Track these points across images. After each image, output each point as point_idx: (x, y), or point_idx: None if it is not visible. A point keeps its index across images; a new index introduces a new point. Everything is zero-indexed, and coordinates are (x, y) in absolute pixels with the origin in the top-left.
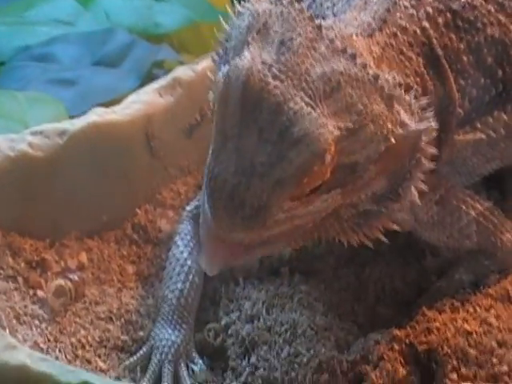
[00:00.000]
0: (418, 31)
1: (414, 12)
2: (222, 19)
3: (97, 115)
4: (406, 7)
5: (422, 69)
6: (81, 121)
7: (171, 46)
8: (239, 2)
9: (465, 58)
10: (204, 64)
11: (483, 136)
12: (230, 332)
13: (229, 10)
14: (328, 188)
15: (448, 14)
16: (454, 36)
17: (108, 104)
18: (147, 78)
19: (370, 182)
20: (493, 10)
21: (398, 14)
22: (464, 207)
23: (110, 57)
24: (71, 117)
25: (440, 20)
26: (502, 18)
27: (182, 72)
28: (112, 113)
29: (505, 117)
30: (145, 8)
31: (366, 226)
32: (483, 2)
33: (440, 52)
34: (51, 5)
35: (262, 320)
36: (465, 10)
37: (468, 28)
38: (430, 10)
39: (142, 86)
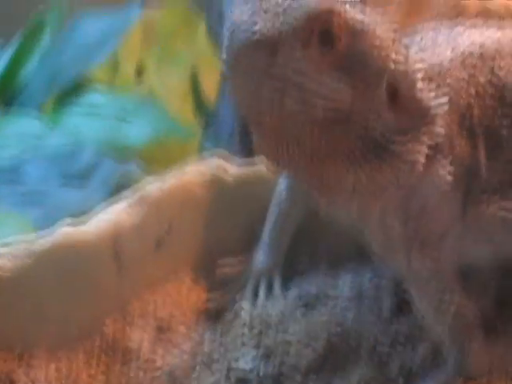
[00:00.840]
0: (462, 101)
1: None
2: None
3: (64, 233)
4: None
5: (454, 133)
6: (49, 239)
7: (138, 162)
8: (204, 121)
9: (504, 142)
10: (171, 180)
11: (510, 215)
12: None
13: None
14: (341, 68)
15: (497, 100)
16: (497, 120)
17: (76, 221)
18: (115, 195)
19: (381, 104)
20: None
21: (453, 72)
22: (451, 288)
23: (77, 174)
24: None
25: (487, 102)
26: None
27: (149, 189)
28: (79, 230)
29: None
30: (112, 126)
31: (372, 161)
32: None
33: (477, 129)
34: (20, 123)
35: None
36: None
37: None
38: (480, 89)
39: (110, 203)
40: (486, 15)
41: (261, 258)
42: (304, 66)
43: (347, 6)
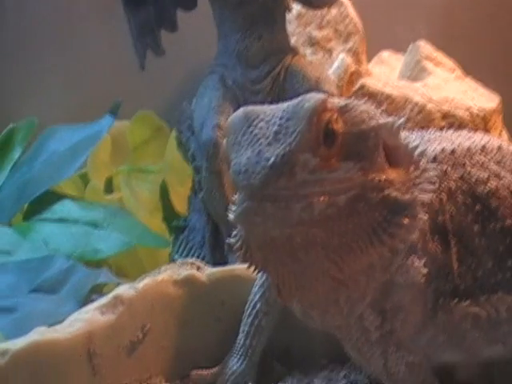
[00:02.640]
0: (434, 198)
1: (437, 181)
2: None
3: (38, 334)
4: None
5: (427, 229)
6: (22, 340)
7: (109, 270)
8: (174, 231)
9: (477, 240)
10: (145, 281)
11: (483, 312)
12: None
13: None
14: (345, 156)
15: (469, 197)
16: (470, 217)
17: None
18: (86, 303)
19: (384, 167)
20: None
21: (421, 176)
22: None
23: (48, 283)
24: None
25: (459, 199)
26: None
27: (123, 290)
28: (53, 331)
29: (509, 299)
30: (82, 235)
31: (392, 223)
32: (508, 196)
33: (450, 227)
34: None
35: None
36: (488, 198)
37: (487, 215)
38: (452, 185)
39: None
40: (451, 120)
41: (235, 362)
42: (319, 173)
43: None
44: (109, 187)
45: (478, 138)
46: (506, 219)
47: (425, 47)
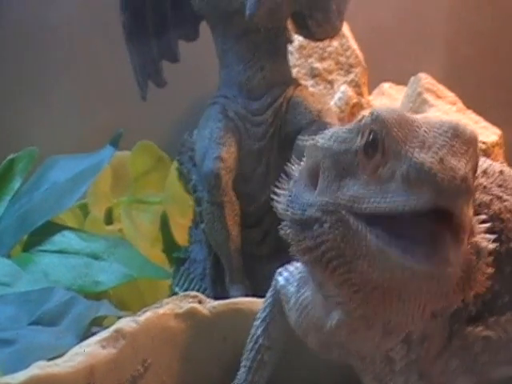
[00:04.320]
0: None
1: None
2: None
3: (38, 368)
4: None
5: None
6: (22, 374)
7: (109, 302)
8: (175, 263)
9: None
10: (147, 315)
11: (492, 334)
12: None
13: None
14: None
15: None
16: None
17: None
18: (86, 336)
19: None
20: None
21: None
22: None
23: (48, 315)
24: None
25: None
26: None
27: (125, 323)
28: (54, 365)
29: None
30: (82, 266)
31: None
32: (511, 218)
33: None
34: None
35: None
36: (491, 221)
37: None
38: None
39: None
40: None
41: None
42: None
43: None
44: (109, 218)
45: (479, 162)
46: (510, 241)
47: (426, 80)
